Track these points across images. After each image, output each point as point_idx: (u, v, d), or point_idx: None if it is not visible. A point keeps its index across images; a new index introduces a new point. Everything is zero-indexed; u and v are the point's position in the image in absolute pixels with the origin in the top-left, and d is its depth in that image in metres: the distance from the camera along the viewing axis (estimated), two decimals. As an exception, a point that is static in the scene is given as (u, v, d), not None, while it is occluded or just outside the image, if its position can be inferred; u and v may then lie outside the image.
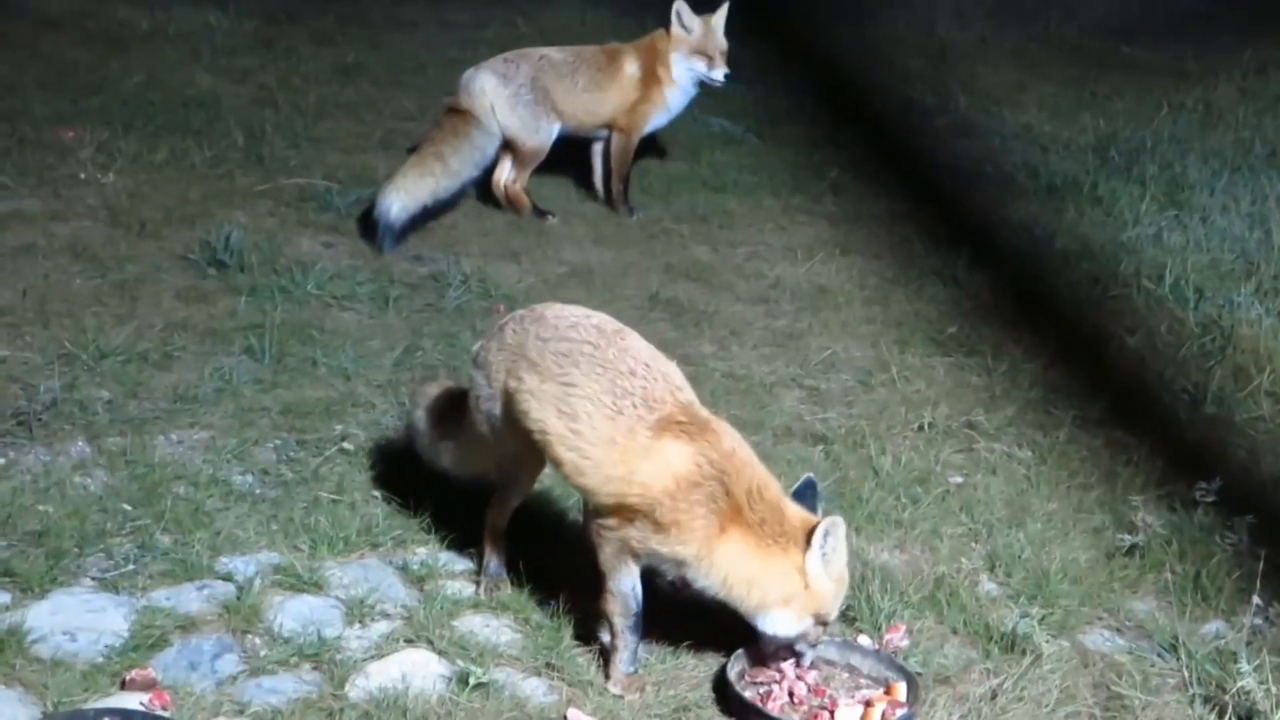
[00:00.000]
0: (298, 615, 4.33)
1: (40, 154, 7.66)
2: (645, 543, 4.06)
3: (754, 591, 4.04)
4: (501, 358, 4.34)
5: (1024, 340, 6.45)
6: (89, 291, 6.25)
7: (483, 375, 4.42)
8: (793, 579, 4.02)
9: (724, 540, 4.00)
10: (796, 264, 7.22)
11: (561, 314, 4.35)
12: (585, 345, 4.20)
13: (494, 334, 4.45)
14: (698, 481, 3.99)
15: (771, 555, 4.01)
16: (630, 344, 4.24)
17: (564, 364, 4.17)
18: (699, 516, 3.98)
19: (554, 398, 4.15)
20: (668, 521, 4.00)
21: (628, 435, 4.04)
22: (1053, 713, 4.16)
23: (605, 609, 4.18)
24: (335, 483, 5.00)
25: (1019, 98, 10.10)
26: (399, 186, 7.06)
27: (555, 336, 4.25)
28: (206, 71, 9.31)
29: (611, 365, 4.14)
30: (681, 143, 8.74)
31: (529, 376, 4.22)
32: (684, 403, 4.14)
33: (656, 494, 3.99)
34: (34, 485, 4.83)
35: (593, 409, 4.09)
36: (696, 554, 4.02)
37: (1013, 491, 5.28)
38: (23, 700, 3.87)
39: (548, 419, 4.16)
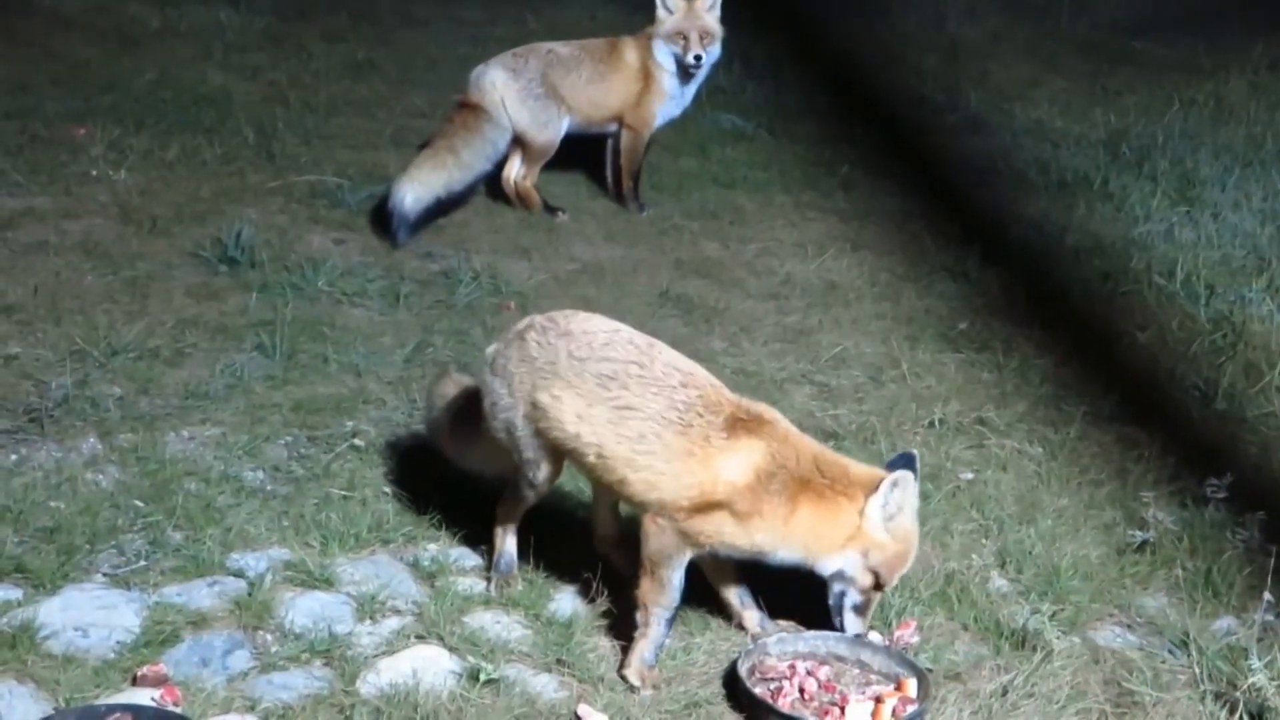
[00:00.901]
0: (309, 611, 4.33)
1: (52, 151, 7.69)
2: (717, 534, 4.13)
3: (821, 541, 4.17)
4: (525, 370, 4.33)
5: (1035, 336, 6.44)
6: (100, 288, 6.27)
7: (502, 384, 4.40)
8: (851, 520, 4.15)
9: (795, 516, 4.12)
10: (807, 260, 7.21)
11: (589, 329, 4.35)
12: (631, 365, 4.23)
13: (512, 341, 4.43)
14: (773, 471, 4.10)
15: (838, 505, 4.15)
16: (668, 356, 4.31)
17: (611, 386, 4.20)
18: (776, 504, 4.10)
19: (609, 421, 4.18)
20: (748, 512, 4.09)
21: (704, 443, 4.12)
22: (1063, 709, 4.15)
23: (644, 597, 4.19)
24: (346, 479, 5.01)
25: (1030, 94, 10.08)
26: (413, 178, 7.09)
27: (593, 356, 4.26)
28: (218, 69, 9.33)
29: (663, 381, 4.20)
30: (692, 139, 8.74)
31: (568, 397, 4.24)
32: (734, 400, 4.23)
33: (742, 489, 4.08)
34: (46, 481, 4.84)
35: (660, 429, 4.14)
36: (773, 537, 4.13)
37: (1023, 488, 5.28)
38: (34, 696, 3.88)
39: (605, 444, 4.19)
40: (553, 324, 4.40)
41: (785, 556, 4.20)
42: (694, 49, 7.60)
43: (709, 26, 7.63)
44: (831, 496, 4.14)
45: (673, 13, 7.61)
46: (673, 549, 4.16)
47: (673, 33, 7.61)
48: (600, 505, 4.66)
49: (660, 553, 4.16)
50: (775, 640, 4.29)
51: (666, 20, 7.62)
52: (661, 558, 4.17)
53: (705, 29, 7.61)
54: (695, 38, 7.59)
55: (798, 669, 4.20)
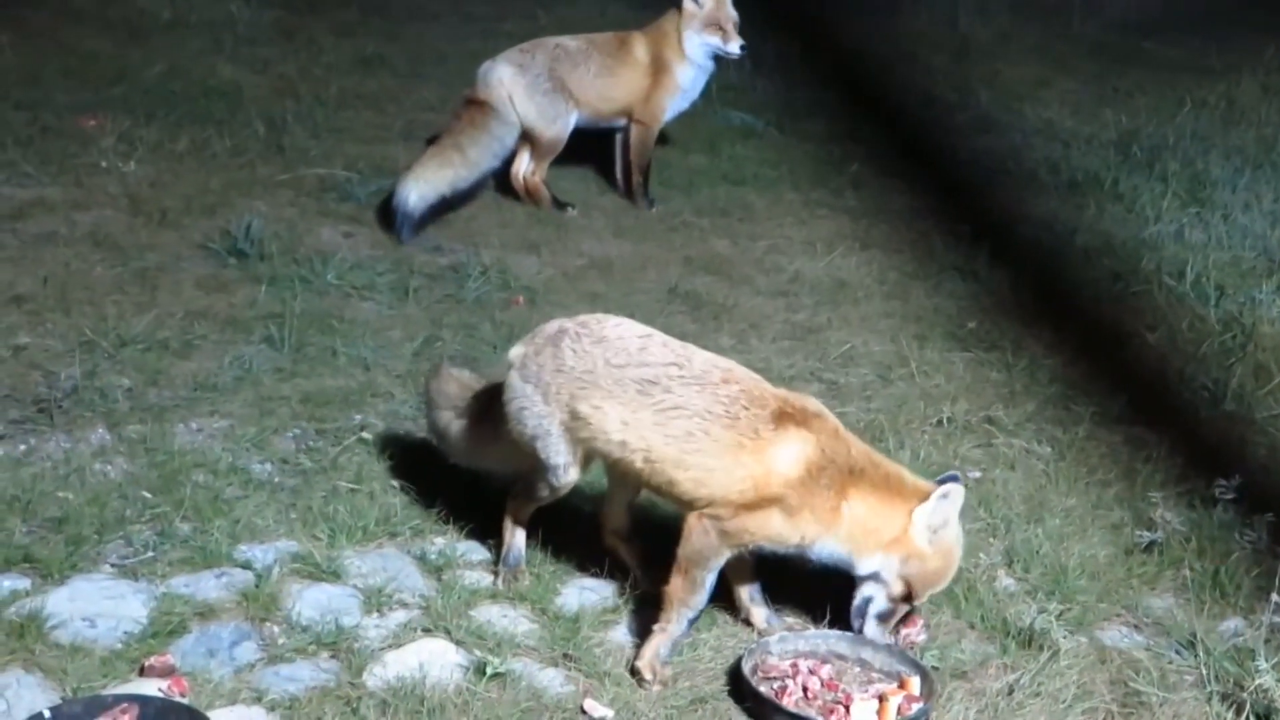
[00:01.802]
0: (316, 604, 4.34)
1: (62, 143, 7.69)
2: (763, 530, 4.14)
3: (867, 538, 4.18)
4: (563, 379, 4.30)
5: (1044, 336, 6.44)
6: (110, 279, 6.27)
7: (535, 390, 4.35)
8: (898, 523, 4.16)
9: (844, 509, 4.13)
10: (816, 258, 7.21)
11: (623, 334, 4.34)
12: (670, 368, 4.23)
13: (544, 347, 4.37)
14: (824, 465, 4.11)
15: (888, 504, 4.16)
16: (704, 355, 4.32)
17: (653, 391, 4.19)
18: (827, 497, 4.11)
19: (654, 424, 4.18)
20: (800, 505, 4.10)
21: (753, 436, 4.12)
22: (1070, 709, 4.15)
23: (675, 595, 4.18)
24: (354, 472, 5.01)
25: (1040, 94, 10.07)
26: (418, 176, 7.08)
27: (631, 362, 4.25)
28: (228, 62, 9.33)
29: (704, 379, 4.20)
30: (702, 136, 8.74)
31: (610, 406, 4.23)
32: (778, 393, 4.24)
33: (794, 482, 4.09)
34: (54, 472, 4.85)
35: (708, 424, 4.14)
36: (821, 530, 4.14)
37: (1031, 487, 5.27)
38: (42, 685, 3.88)
39: (653, 447, 4.18)
40: (586, 330, 4.36)
41: (828, 552, 4.20)
42: (735, 39, 7.64)
43: (736, 18, 7.67)
44: (884, 493, 4.16)
45: (702, 5, 7.60)
46: (713, 550, 4.16)
47: (709, 24, 7.61)
48: (615, 500, 4.64)
49: (700, 553, 4.16)
50: (777, 639, 4.29)
51: (698, 13, 7.61)
52: (700, 558, 4.17)
53: (735, 20, 7.65)
54: (732, 28, 7.63)
55: (800, 668, 4.20)
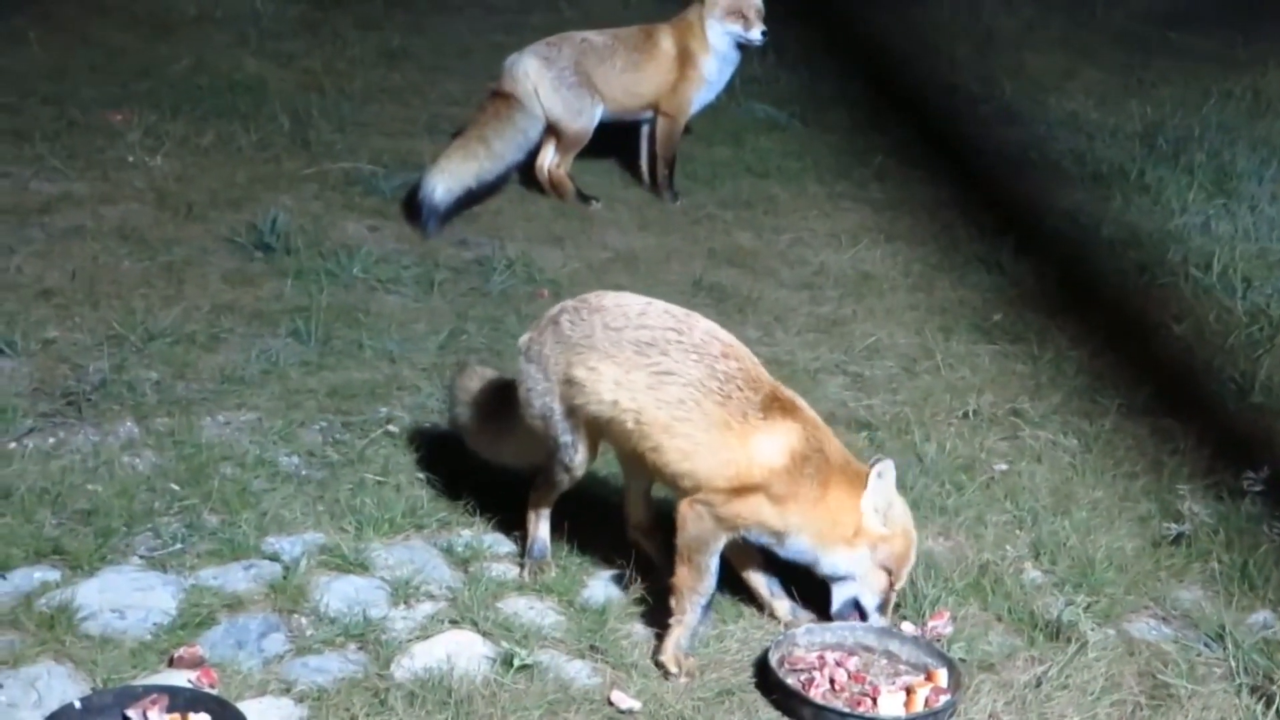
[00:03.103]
0: (343, 595, 4.35)
1: (89, 137, 7.72)
2: (755, 516, 4.13)
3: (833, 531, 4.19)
4: (559, 350, 4.34)
5: (1070, 328, 6.42)
6: (137, 273, 6.30)
7: (537, 368, 4.41)
8: (854, 516, 4.17)
9: (824, 503, 4.14)
10: (841, 250, 7.20)
11: (623, 302, 4.36)
12: (669, 332, 4.22)
13: (545, 327, 4.44)
14: (808, 455, 4.11)
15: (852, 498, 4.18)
16: (707, 325, 4.30)
17: (650, 352, 4.19)
18: (810, 487, 4.11)
19: (647, 387, 4.17)
20: (785, 495, 4.09)
21: (741, 419, 4.11)
22: (1098, 701, 4.14)
23: (681, 584, 4.18)
24: (381, 465, 5.03)
25: (1065, 85, 10.04)
26: (443, 169, 7.09)
27: (629, 325, 4.26)
28: (253, 56, 9.35)
29: (704, 349, 4.19)
30: (726, 128, 8.74)
31: (605, 366, 4.24)
32: (771, 381, 4.25)
33: (779, 471, 4.08)
34: (83, 464, 4.87)
35: (700, 395, 4.13)
36: (804, 520, 4.14)
37: (1058, 479, 5.26)
38: (72, 676, 3.90)
39: (644, 408, 4.18)
40: (584, 303, 4.41)
41: (802, 545, 4.21)
42: (757, 26, 7.60)
43: (760, 4, 7.63)
44: (847, 487, 4.17)
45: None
46: (709, 534, 4.16)
47: (730, 12, 7.57)
48: (633, 493, 4.65)
49: (698, 539, 4.16)
50: (803, 631, 4.29)
51: (720, 1, 7.57)
52: (699, 544, 4.16)
53: (758, 7, 7.62)
54: (754, 15, 7.59)
55: (827, 660, 4.20)
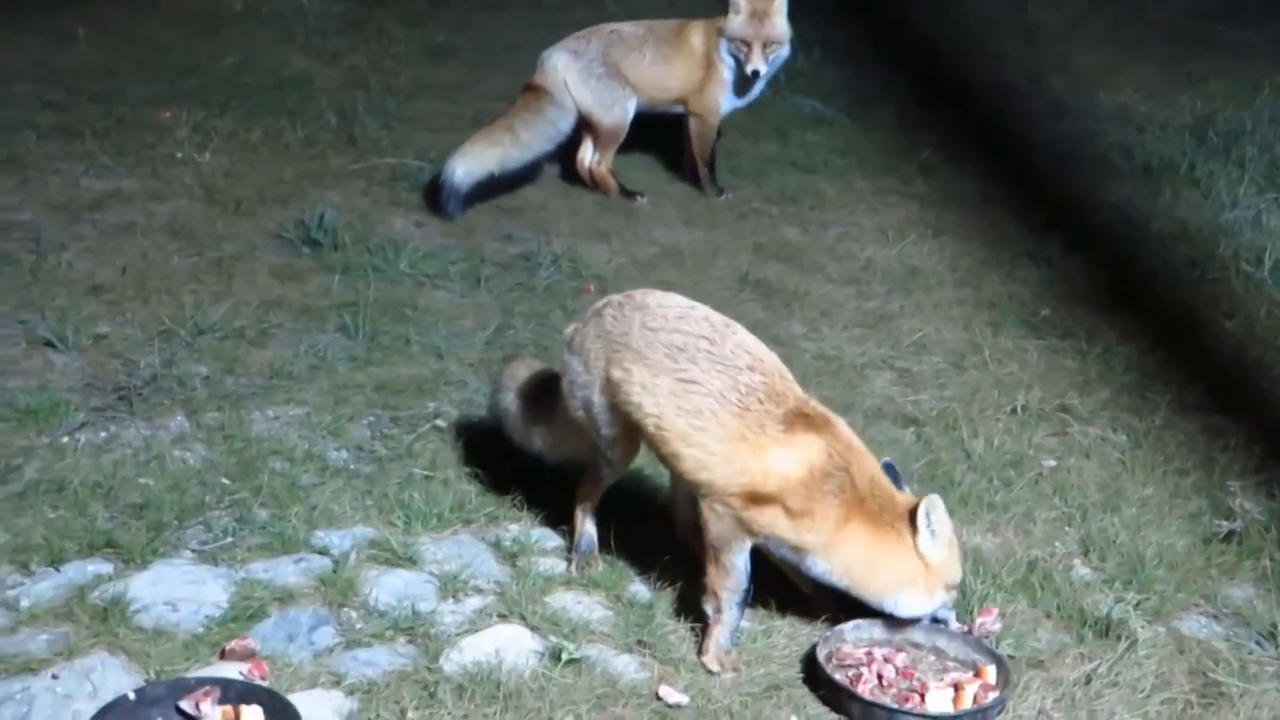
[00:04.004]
0: (392, 589, 4.37)
1: (138, 134, 7.79)
2: (771, 527, 4.09)
3: (876, 577, 4.11)
4: (600, 345, 4.34)
5: (1119, 324, 6.37)
6: (187, 269, 6.35)
7: (579, 361, 4.42)
8: (913, 561, 4.09)
9: (847, 529, 4.06)
10: (888, 245, 7.18)
11: (665, 303, 4.35)
12: (700, 340, 4.20)
13: (590, 319, 4.45)
14: (830, 472, 4.04)
15: (888, 540, 4.08)
16: (741, 338, 4.27)
17: (679, 358, 4.18)
18: (830, 506, 4.04)
19: (671, 393, 4.16)
20: (800, 510, 4.04)
21: (758, 431, 4.07)
22: (1148, 699, 4.11)
23: (712, 583, 4.18)
24: (428, 459, 5.05)
25: (1113, 79, 9.95)
26: (465, 153, 7.17)
27: (665, 328, 4.25)
28: (299, 53, 9.42)
29: (730, 361, 4.16)
30: (771, 124, 8.72)
31: (637, 368, 4.23)
32: (800, 395, 4.19)
33: (794, 484, 4.03)
34: (135, 459, 4.92)
35: (718, 406, 4.10)
36: (821, 542, 4.08)
37: (1107, 476, 5.23)
38: (126, 668, 3.94)
39: (665, 415, 4.17)
40: (629, 300, 4.41)
41: (826, 571, 4.14)
42: (754, 62, 7.37)
43: (774, 34, 7.39)
44: (882, 525, 4.08)
45: (738, 13, 7.39)
46: (731, 534, 4.14)
47: (736, 38, 7.39)
48: (680, 490, 4.64)
49: (721, 538, 4.15)
50: (852, 627, 4.27)
51: (733, 21, 7.40)
52: (722, 543, 4.15)
53: (770, 38, 7.38)
54: (758, 48, 7.36)
55: (875, 656, 4.19)
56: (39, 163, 7.32)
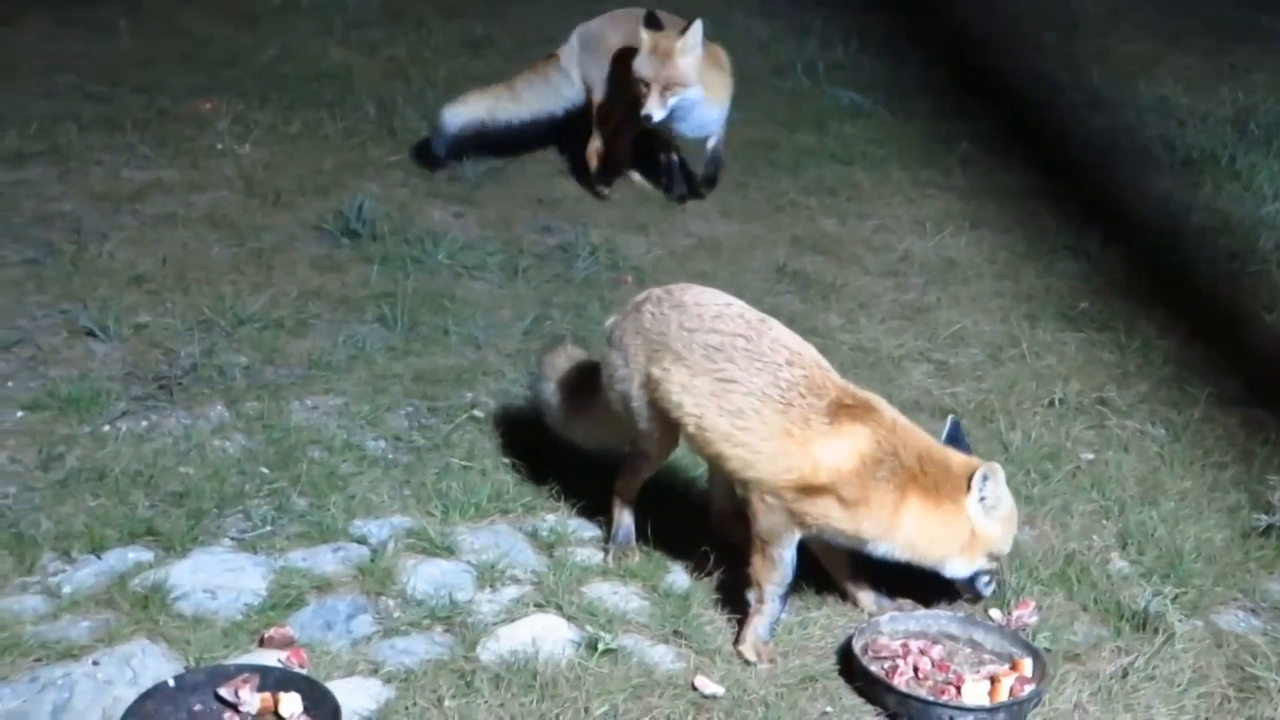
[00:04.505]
0: (430, 578, 4.40)
1: (178, 126, 7.83)
2: (825, 518, 4.11)
3: (934, 547, 4.16)
4: (640, 341, 4.35)
5: (1158, 316, 6.35)
6: (226, 260, 6.38)
7: (619, 355, 4.43)
8: (964, 527, 4.13)
9: (904, 509, 4.09)
10: (925, 237, 7.16)
11: (702, 301, 4.35)
12: (738, 339, 4.21)
13: (629, 313, 4.45)
14: (880, 458, 4.06)
15: (945, 510, 4.12)
16: (778, 333, 4.27)
17: (717, 358, 4.19)
18: (884, 492, 4.06)
19: (711, 394, 4.18)
20: (854, 499, 4.06)
21: (803, 425, 4.09)
22: (1185, 693, 4.10)
23: (757, 574, 4.19)
24: (466, 449, 5.07)
25: (1154, 70, 9.89)
26: (458, 100, 7.36)
27: (702, 328, 4.25)
28: (338, 45, 9.43)
29: (768, 358, 4.17)
30: (809, 115, 8.71)
31: (676, 369, 4.24)
32: (841, 385, 4.20)
33: (847, 475, 4.05)
34: (175, 447, 4.95)
35: (760, 405, 4.12)
36: (881, 528, 4.10)
37: (1145, 469, 5.21)
38: (166, 655, 3.98)
39: (706, 415, 4.18)
40: (668, 295, 4.41)
41: (890, 551, 4.17)
42: (648, 105, 6.67)
43: (677, 75, 6.66)
44: (939, 497, 4.12)
45: (641, 50, 6.73)
46: (781, 527, 4.15)
47: (636, 78, 6.74)
48: (716, 481, 4.66)
49: (770, 530, 4.16)
50: (887, 619, 4.29)
51: (636, 58, 6.76)
52: (771, 535, 4.16)
53: (671, 79, 6.66)
54: (656, 92, 6.66)
55: (911, 648, 4.20)
56: (80, 154, 7.37)
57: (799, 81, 9.29)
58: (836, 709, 4.00)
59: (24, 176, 7.07)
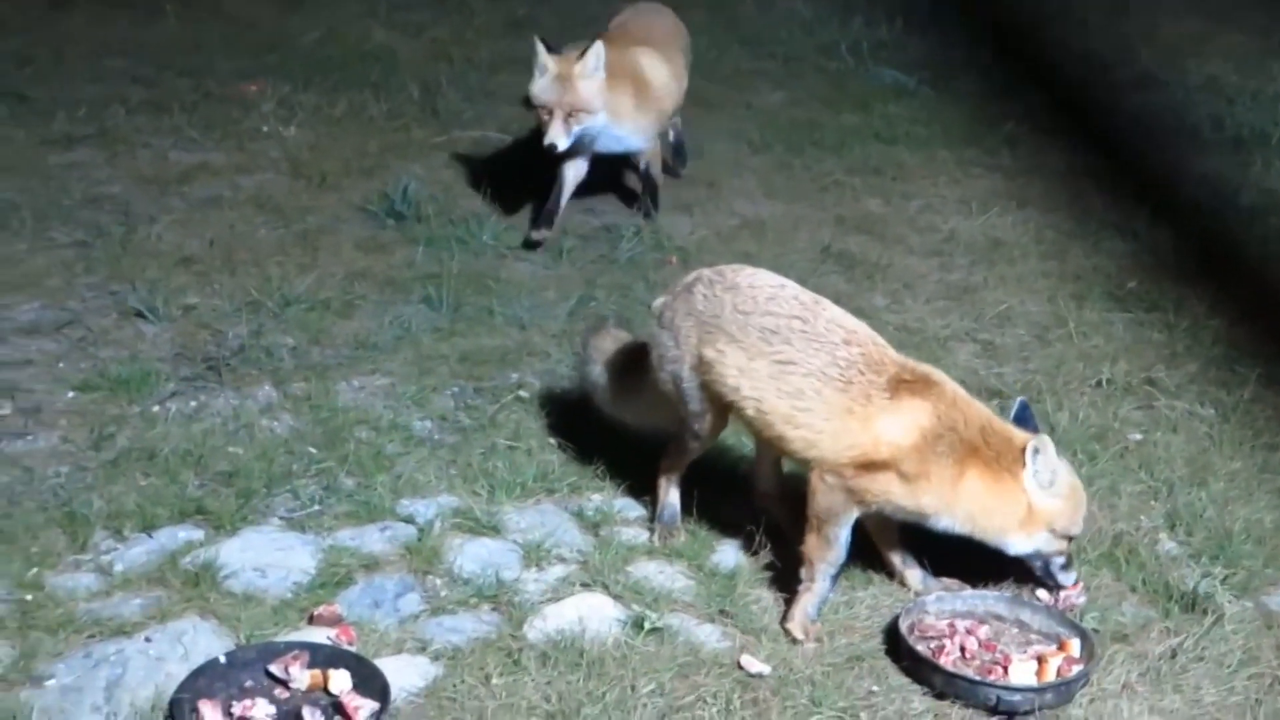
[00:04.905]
0: (476, 557, 4.42)
1: (225, 108, 7.89)
2: (886, 494, 4.12)
3: (995, 519, 4.14)
4: (692, 323, 4.35)
5: (1207, 296, 6.29)
6: (273, 241, 6.43)
7: (669, 336, 4.43)
8: (1021, 501, 4.11)
9: (964, 482, 4.08)
10: (971, 217, 7.12)
11: (755, 283, 4.35)
12: (793, 320, 4.21)
13: (680, 294, 4.44)
14: (940, 433, 4.07)
15: (1003, 483, 4.11)
16: (832, 313, 4.28)
17: (774, 341, 4.19)
18: (944, 466, 4.07)
19: (769, 376, 4.18)
20: (916, 473, 4.07)
21: (864, 402, 4.10)
22: (1234, 674, 4.08)
23: (811, 553, 4.20)
24: (512, 429, 5.09)
25: (1203, 48, 9.80)
26: None
27: (757, 310, 4.25)
28: (382, 27, 9.47)
29: (825, 338, 4.17)
30: (854, 95, 8.69)
31: (731, 350, 4.25)
32: (900, 360, 4.20)
33: (907, 450, 4.05)
34: (224, 428, 4.99)
35: (820, 384, 4.12)
36: (941, 501, 4.11)
37: (1194, 450, 5.17)
38: (217, 632, 4.01)
39: (765, 398, 4.19)
40: (720, 277, 4.40)
41: (951, 525, 4.16)
42: (551, 133, 6.22)
43: (579, 101, 6.25)
44: (1000, 470, 4.11)
45: (543, 75, 6.29)
46: (840, 506, 4.15)
47: (537, 104, 6.31)
48: (763, 460, 4.66)
49: (828, 510, 4.16)
50: (934, 599, 4.28)
51: (536, 82, 6.31)
52: (829, 515, 4.17)
53: (574, 105, 6.24)
54: (559, 119, 6.23)
55: (957, 628, 4.19)
56: (128, 137, 7.43)
57: (843, 61, 9.26)
58: (883, 688, 4.00)
59: (73, 159, 7.14)
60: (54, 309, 5.70)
